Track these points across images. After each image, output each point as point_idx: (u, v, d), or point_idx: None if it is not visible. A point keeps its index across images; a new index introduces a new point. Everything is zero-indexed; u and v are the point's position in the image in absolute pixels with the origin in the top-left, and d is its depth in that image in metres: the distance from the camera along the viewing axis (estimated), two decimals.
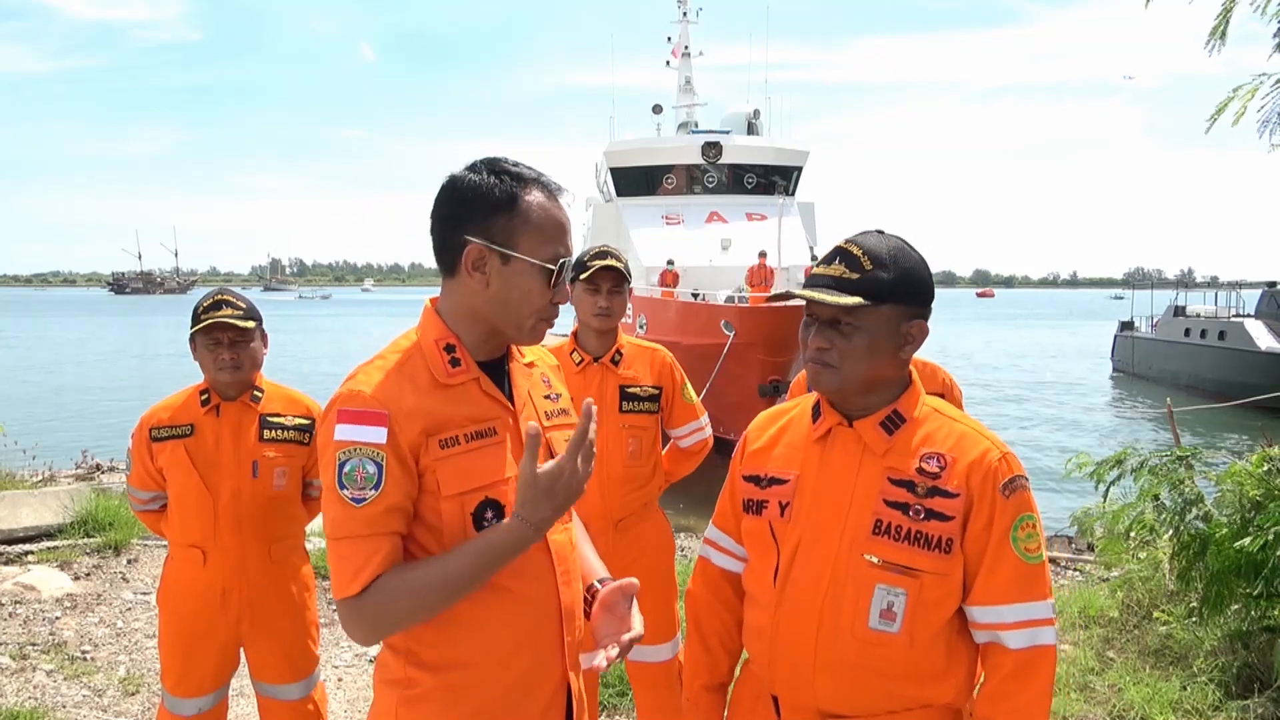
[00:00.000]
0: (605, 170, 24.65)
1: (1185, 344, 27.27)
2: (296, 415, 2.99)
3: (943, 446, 1.69)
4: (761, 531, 1.80)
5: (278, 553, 2.96)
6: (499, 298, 1.62)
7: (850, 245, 1.70)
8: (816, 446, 1.77)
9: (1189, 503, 4.56)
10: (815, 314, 1.71)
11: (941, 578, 1.65)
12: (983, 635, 1.70)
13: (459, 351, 1.65)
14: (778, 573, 1.74)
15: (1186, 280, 34.73)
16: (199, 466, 2.87)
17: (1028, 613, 1.66)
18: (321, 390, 2.17)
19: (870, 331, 1.67)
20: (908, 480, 1.67)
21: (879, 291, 1.66)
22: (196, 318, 2.82)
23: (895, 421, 1.72)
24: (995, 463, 1.68)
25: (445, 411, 1.60)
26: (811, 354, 1.72)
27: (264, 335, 2.97)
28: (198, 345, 2.86)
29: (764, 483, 1.81)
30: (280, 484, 2.93)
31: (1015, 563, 1.65)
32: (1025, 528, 1.67)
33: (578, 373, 3.24)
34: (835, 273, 1.68)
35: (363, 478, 1.53)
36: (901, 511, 1.65)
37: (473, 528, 1.59)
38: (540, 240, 1.62)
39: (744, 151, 23.68)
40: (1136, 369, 30.79)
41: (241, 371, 2.86)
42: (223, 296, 2.86)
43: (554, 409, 1.80)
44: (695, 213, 22.00)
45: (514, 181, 1.62)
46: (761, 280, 17.01)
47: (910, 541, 1.64)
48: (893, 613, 1.64)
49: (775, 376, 15.01)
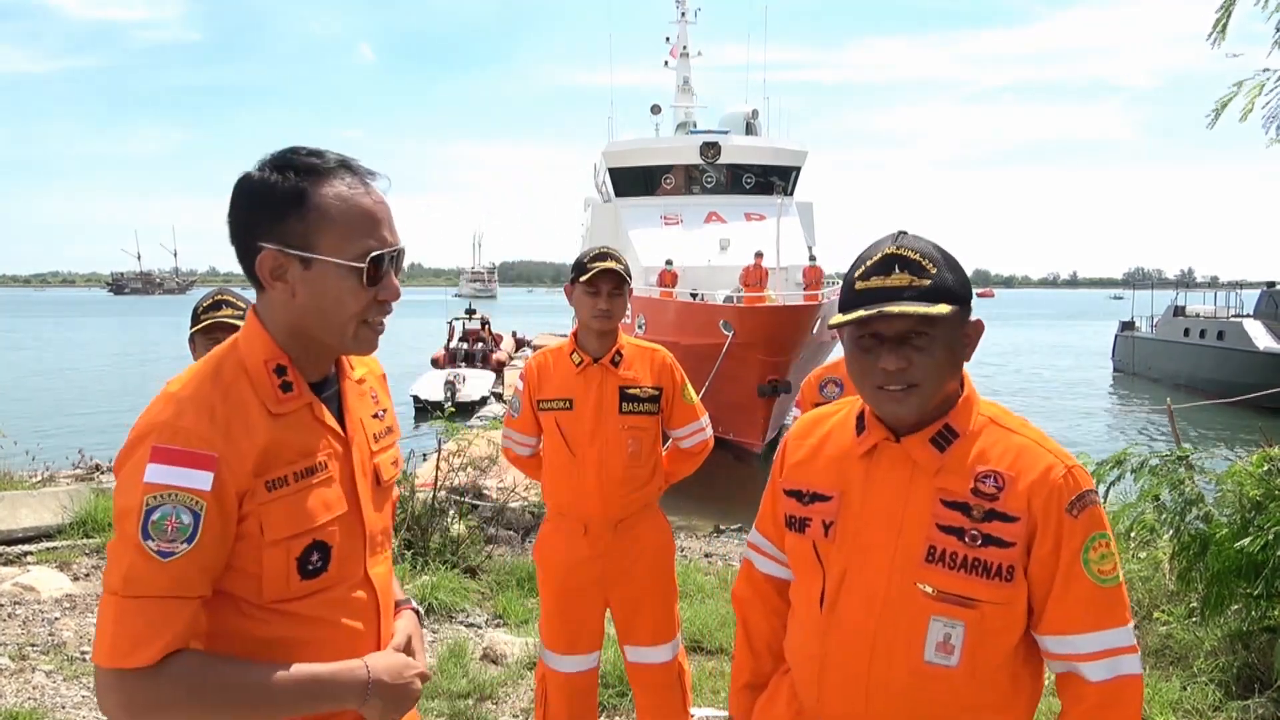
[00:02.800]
0: (604, 171, 24.64)
1: (1185, 344, 27.30)
2: None
3: (1000, 464, 1.56)
4: (805, 551, 1.69)
5: None
6: (310, 306, 1.45)
7: (904, 251, 1.54)
8: (861, 463, 1.64)
9: (1189, 503, 4.56)
10: (880, 331, 1.53)
11: (1003, 607, 1.53)
12: (1058, 666, 1.58)
13: (290, 373, 1.48)
14: (824, 597, 1.63)
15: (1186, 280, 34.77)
16: None
17: (1107, 641, 1.53)
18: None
19: (946, 341, 1.54)
20: (962, 503, 1.54)
21: (954, 295, 1.52)
22: (196, 318, 2.82)
23: (947, 437, 1.58)
24: (1059, 480, 1.53)
25: (275, 447, 1.42)
26: (884, 378, 1.54)
27: None
28: (197, 346, 2.85)
29: (806, 498, 1.69)
30: None
31: (1089, 587, 1.52)
32: (1098, 548, 1.54)
33: (578, 374, 3.24)
34: (902, 282, 1.51)
35: (174, 529, 1.32)
36: (957, 537, 1.52)
37: (297, 574, 1.44)
38: (344, 236, 1.44)
39: (742, 152, 23.68)
40: (1137, 369, 30.82)
41: None
42: (222, 296, 2.86)
43: (381, 429, 1.65)
44: (694, 213, 22.01)
45: (303, 175, 1.44)
46: (756, 281, 17.01)
47: (967, 570, 1.51)
48: (950, 645, 1.52)
49: (774, 376, 15.00)
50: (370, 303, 1.48)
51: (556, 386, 3.26)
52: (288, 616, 1.45)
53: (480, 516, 7.25)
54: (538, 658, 3.50)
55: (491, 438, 7.56)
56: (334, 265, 1.44)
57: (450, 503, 6.76)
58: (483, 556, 6.37)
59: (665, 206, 22.49)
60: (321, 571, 1.47)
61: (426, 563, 6.00)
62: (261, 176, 1.46)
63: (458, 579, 5.81)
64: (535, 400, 3.32)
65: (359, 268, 1.45)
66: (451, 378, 22.81)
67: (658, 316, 17.35)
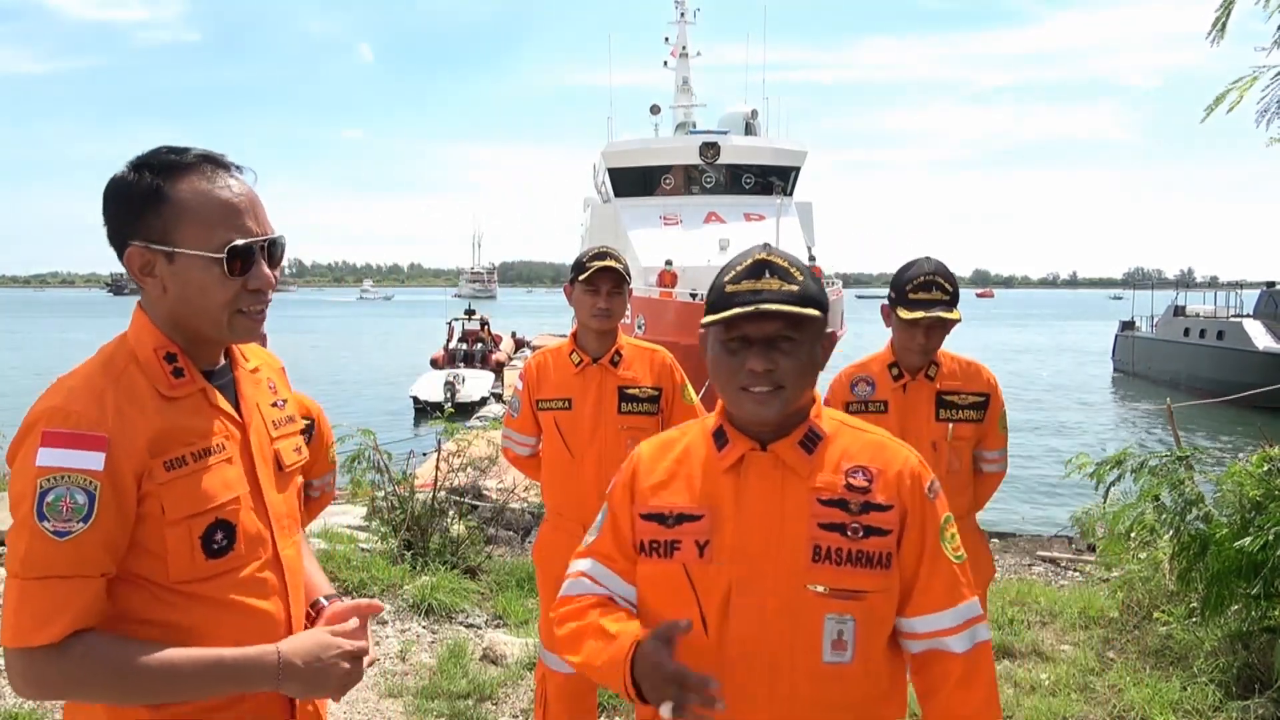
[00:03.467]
0: (603, 171, 24.67)
1: (1185, 344, 27.32)
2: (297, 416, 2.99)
3: (864, 459, 1.63)
4: (672, 576, 1.62)
5: None
6: (180, 298, 1.50)
7: (774, 258, 1.60)
8: (728, 477, 1.63)
9: (1189, 503, 4.55)
10: (749, 334, 1.57)
11: (884, 595, 1.60)
12: (921, 645, 1.65)
13: (181, 360, 1.52)
14: (706, 621, 1.59)
15: (1186, 280, 34.79)
16: None
17: (965, 613, 1.64)
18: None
19: (810, 347, 1.59)
20: (839, 499, 1.59)
21: (818, 303, 1.58)
22: None
23: (814, 439, 1.63)
24: (916, 468, 1.64)
25: (170, 428, 1.47)
26: (751, 379, 1.57)
27: (263, 336, 2.97)
28: None
29: (671, 520, 1.63)
30: None
31: (948, 566, 1.63)
32: (949, 528, 1.66)
33: (577, 374, 3.23)
34: (773, 286, 1.56)
35: (69, 509, 1.36)
36: (839, 533, 1.57)
37: (201, 553, 1.47)
38: (204, 229, 1.48)
39: (742, 152, 23.71)
40: (1137, 369, 30.84)
41: None
42: None
43: (280, 417, 1.70)
44: (693, 213, 22.05)
45: (158, 172, 1.48)
46: None
47: (853, 563, 1.57)
48: (843, 641, 1.57)
49: None
50: (240, 292, 1.51)
51: (555, 386, 3.26)
52: (196, 599, 1.47)
53: (480, 517, 7.25)
54: (537, 658, 3.50)
55: (491, 438, 7.55)
56: (195, 258, 1.48)
57: (450, 503, 6.75)
58: (483, 557, 6.36)
59: (665, 207, 22.53)
60: (227, 550, 1.50)
61: (426, 563, 6.00)
62: (122, 176, 1.50)
63: (457, 579, 5.80)
64: (534, 400, 3.31)
65: (219, 258, 1.48)
66: (451, 378, 22.83)
67: (657, 317, 17.36)
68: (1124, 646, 4.91)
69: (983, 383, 3.12)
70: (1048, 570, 6.87)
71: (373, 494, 6.87)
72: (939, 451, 3.02)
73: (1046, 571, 6.83)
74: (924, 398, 3.06)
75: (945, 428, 3.03)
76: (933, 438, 3.02)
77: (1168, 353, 28.55)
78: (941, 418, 3.04)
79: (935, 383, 3.06)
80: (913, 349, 3.00)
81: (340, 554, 5.97)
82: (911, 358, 3.04)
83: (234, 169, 1.55)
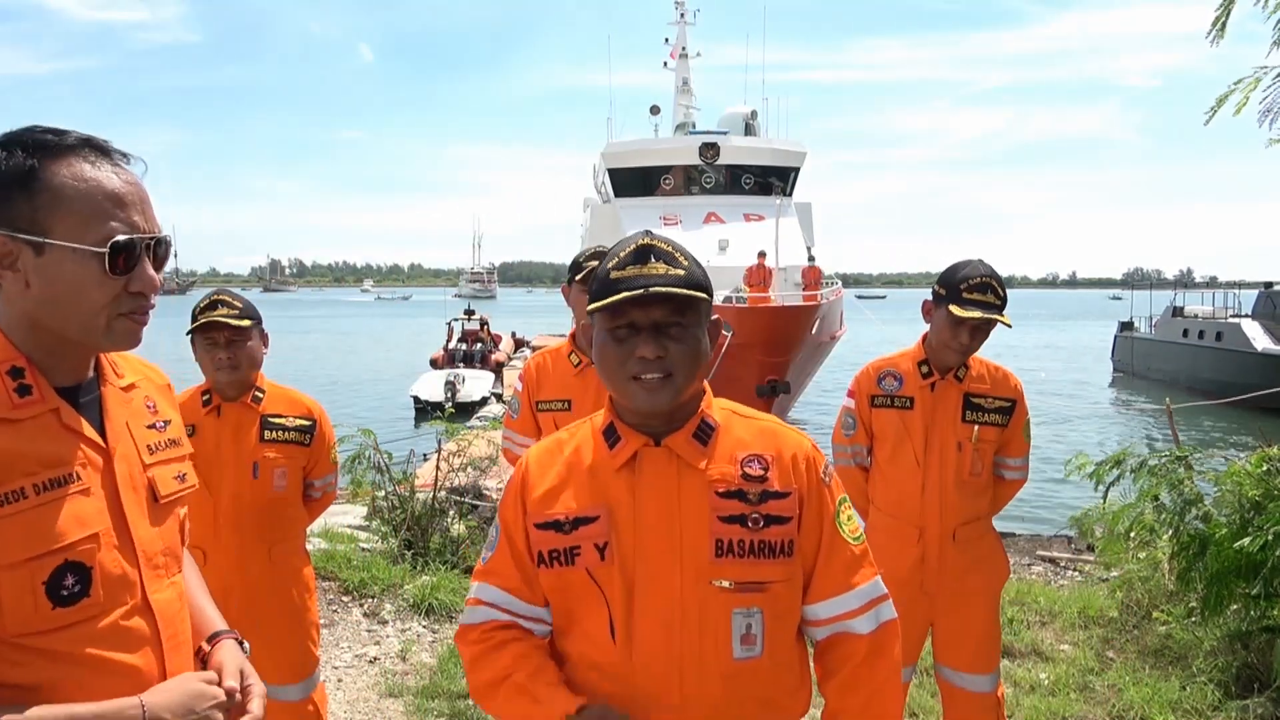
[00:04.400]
0: (603, 171, 24.68)
1: (1183, 344, 27.31)
2: (297, 416, 3.00)
3: (758, 446, 1.60)
4: (578, 583, 1.56)
5: (278, 554, 2.96)
6: (46, 298, 1.30)
7: (655, 242, 1.55)
8: (621, 475, 1.58)
9: (1188, 503, 4.56)
10: (636, 321, 1.51)
11: (789, 584, 1.58)
12: (825, 630, 1.64)
13: (30, 375, 1.31)
14: (614, 627, 1.54)
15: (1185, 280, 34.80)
16: (199, 467, 2.84)
17: (868, 593, 1.63)
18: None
19: (699, 331, 1.55)
20: (736, 490, 1.55)
21: (705, 285, 1.54)
22: (194, 318, 2.84)
23: (707, 430, 1.59)
24: (810, 452, 1.63)
25: (5, 457, 1.25)
26: (641, 366, 1.51)
27: (264, 335, 2.98)
28: (196, 345, 2.88)
29: (567, 526, 1.57)
30: (280, 485, 2.93)
31: (845, 548, 1.62)
32: (845, 509, 1.65)
33: (576, 375, 3.23)
34: (659, 270, 1.51)
35: None
36: (740, 525, 1.54)
37: (47, 601, 1.25)
38: (82, 219, 1.29)
39: (741, 152, 23.73)
40: (1136, 369, 30.82)
41: (239, 371, 2.87)
42: (219, 296, 2.87)
43: (160, 440, 1.48)
44: (693, 213, 22.05)
45: (34, 152, 1.29)
46: (760, 280, 17.03)
47: (756, 554, 1.54)
48: (752, 636, 1.54)
49: (773, 377, 15.02)
50: (120, 294, 1.32)
51: (555, 388, 3.26)
52: (43, 655, 1.27)
53: (480, 517, 7.24)
54: None
55: (491, 438, 7.56)
56: (70, 251, 1.29)
57: (450, 503, 6.76)
58: None
59: (664, 207, 22.53)
60: (80, 597, 1.28)
61: (427, 563, 6.01)
62: None
63: (458, 579, 5.80)
64: (534, 401, 3.31)
65: (100, 253, 1.29)
66: (451, 378, 22.82)
67: None
68: (1123, 646, 4.91)
69: (1010, 389, 3.10)
70: (1047, 570, 6.87)
71: (373, 494, 6.88)
72: (963, 452, 3.01)
73: (1046, 571, 6.83)
74: (951, 398, 3.04)
75: (971, 429, 3.01)
76: (958, 438, 3.01)
77: (1167, 353, 28.54)
78: (967, 419, 3.03)
79: (964, 384, 3.04)
80: (954, 347, 2.98)
81: (341, 554, 5.98)
82: (948, 356, 3.02)
83: (119, 156, 1.36)
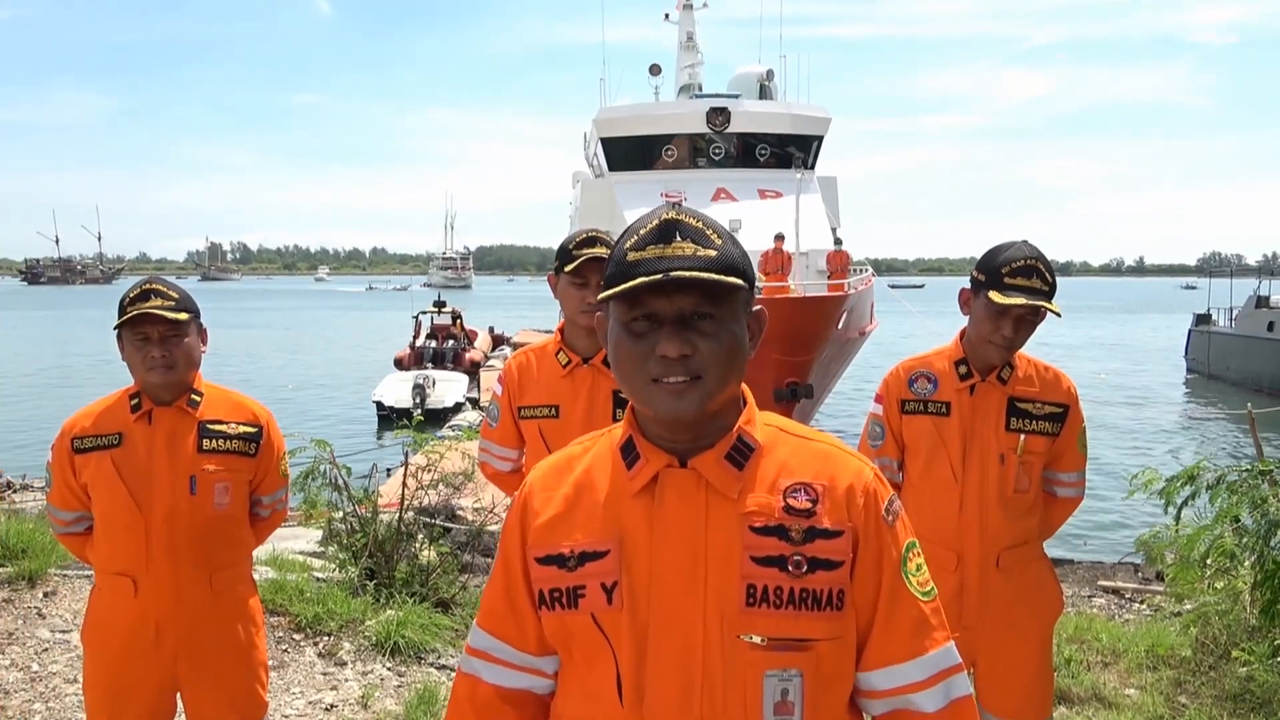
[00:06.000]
0: (595, 141, 24.69)
1: (1270, 340, 27.33)
2: (240, 422, 3.00)
3: (807, 474, 1.50)
4: (581, 630, 1.52)
5: (220, 582, 2.96)
6: None
7: (685, 217, 1.46)
8: (639, 501, 1.51)
9: (1274, 525, 4.57)
10: (657, 312, 1.43)
11: (838, 643, 1.48)
12: (883, 705, 1.55)
13: None
14: (622, 684, 1.48)
15: (1271, 267, 34.73)
16: (128, 481, 2.87)
17: (937, 663, 1.53)
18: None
19: (735, 325, 1.46)
20: (776, 525, 1.46)
21: (742, 272, 1.45)
22: (122, 310, 2.83)
23: (744, 451, 1.50)
24: (871, 484, 1.52)
25: None
26: (663, 368, 1.43)
27: (202, 330, 2.99)
28: (124, 342, 2.87)
29: (571, 562, 1.52)
30: (222, 502, 2.93)
31: (913, 604, 1.52)
32: (914, 558, 1.55)
33: (564, 376, 3.23)
34: (686, 251, 1.42)
35: None
36: (778, 568, 1.45)
37: None
38: None
39: (756, 119, 23.72)
40: (1213, 369, 30.89)
41: (174, 371, 2.87)
42: (152, 286, 2.87)
43: None
44: (699, 189, 22.02)
45: None
46: (778, 268, 17.04)
47: (796, 605, 1.44)
48: (789, 704, 1.45)
49: (793, 379, 15.03)
50: None
51: (540, 391, 3.26)
52: None
53: (454, 541, 7.25)
54: None
55: (466, 450, 7.54)
56: None
57: (419, 525, 6.76)
58: (457, 588, 6.38)
59: (666, 182, 22.51)
60: None
61: (392, 595, 6.01)
62: None
63: (428, 614, 5.81)
64: (515, 407, 3.32)
65: None
66: (420, 381, 22.87)
67: None
68: (1198, 690, 4.92)
69: (1062, 392, 3.06)
70: (1110, 603, 6.89)
71: (329, 515, 6.88)
72: (1007, 465, 2.98)
73: (1109, 604, 6.85)
74: (994, 403, 3.01)
75: (1016, 439, 2.98)
76: (1001, 449, 2.98)
77: (1249, 350, 28.58)
78: (1012, 427, 2.99)
79: (1008, 387, 3.01)
80: (996, 341, 2.95)
81: (293, 585, 5.98)
82: (990, 352, 2.99)
83: None
